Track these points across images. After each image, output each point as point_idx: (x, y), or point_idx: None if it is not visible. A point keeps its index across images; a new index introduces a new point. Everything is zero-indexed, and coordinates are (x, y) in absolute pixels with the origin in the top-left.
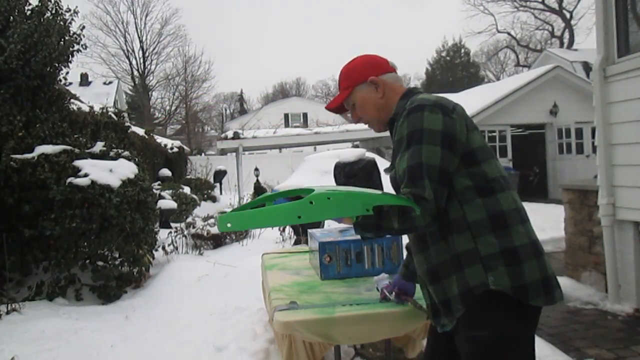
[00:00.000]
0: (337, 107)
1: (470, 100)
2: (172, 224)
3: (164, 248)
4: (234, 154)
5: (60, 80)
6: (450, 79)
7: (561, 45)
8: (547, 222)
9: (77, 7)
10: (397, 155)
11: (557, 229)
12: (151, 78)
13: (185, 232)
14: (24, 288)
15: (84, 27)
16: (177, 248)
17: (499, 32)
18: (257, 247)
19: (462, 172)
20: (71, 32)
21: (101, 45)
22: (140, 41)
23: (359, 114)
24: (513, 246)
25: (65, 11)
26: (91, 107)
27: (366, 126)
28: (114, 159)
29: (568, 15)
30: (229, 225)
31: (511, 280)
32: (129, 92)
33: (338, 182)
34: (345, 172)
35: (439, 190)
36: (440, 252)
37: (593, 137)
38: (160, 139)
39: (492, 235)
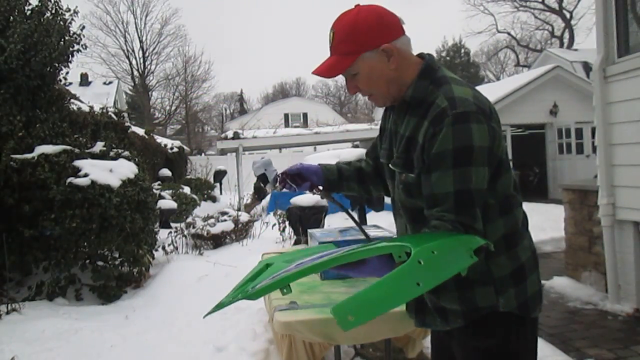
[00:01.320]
0: (334, 75)
1: None
2: (172, 224)
3: (164, 248)
4: (234, 154)
5: (60, 80)
6: None
7: (561, 45)
8: (547, 222)
9: (77, 7)
10: (432, 168)
11: (557, 229)
12: (151, 78)
13: (185, 232)
14: (24, 288)
15: (83, 27)
16: (177, 248)
17: (499, 32)
18: (257, 247)
19: (489, 188)
20: (71, 32)
21: (101, 45)
22: (140, 41)
23: (363, 86)
24: (521, 264)
25: (65, 11)
26: (91, 107)
27: (366, 126)
28: (114, 159)
29: (568, 15)
30: (351, 318)
31: (517, 300)
32: (129, 92)
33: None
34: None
35: (481, 220)
36: None
37: (593, 137)
38: (160, 139)
39: (505, 256)
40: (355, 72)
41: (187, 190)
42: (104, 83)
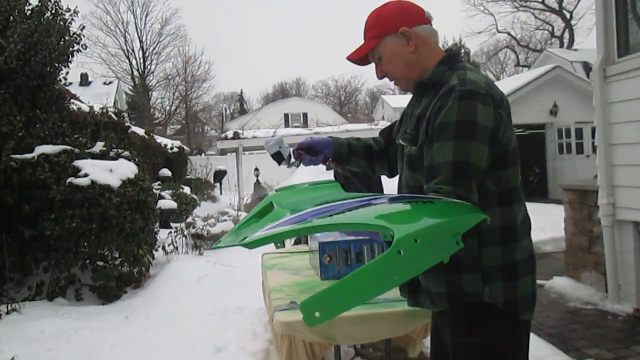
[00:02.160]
0: (360, 58)
1: None
2: (172, 224)
3: (164, 248)
4: (234, 154)
5: (60, 80)
6: None
7: (561, 45)
8: (547, 222)
9: (77, 7)
10: (434, 139)
11: (557, 229)
12: (151, 78)
13: (185, 232)
14: (24, 288)
15: (83, 27)
16: (177, 248)
17: (499, 32)
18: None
19: (489, 174)
20: (71, 32)
21: (101, 45)
22: (140, 41)
23: (385, 68)
24: (514, 261)
25: (65, 11)
26: (91, 107)
27: (366, 126)
28: (114, 159)
29: (568, 15)
30: (317, 314)
31: (505, 295)
32: (129, 92)
33: (337, 181)
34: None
35: (477, 193)
36: None
37: (593, 137)
38: (160, 139)
39: (499, 248)
40: (379, 56)
41: (187, 190)
42: (104, 83)
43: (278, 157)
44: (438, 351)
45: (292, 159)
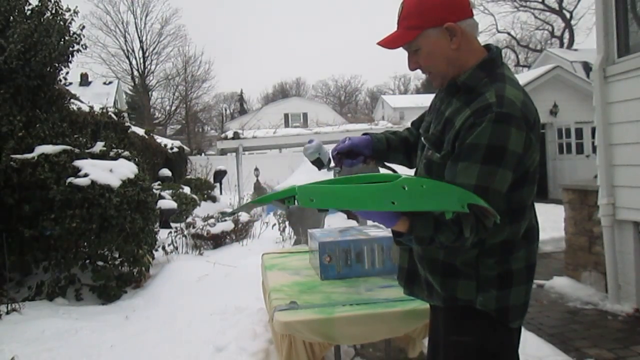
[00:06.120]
0: (395, 47)
1: None
2: (172, 224)
3: (164, 248)
4: (234, 154)
5: (60, 80)
6: None
7: (561, 45)
8: (547, 222)
9: (77, 7)
10: (461, 157)
11: (557, 229)
12: (151, 78)
13: (185, 232)
14: (24, 288)
15: (83, 27)
16: (177, 248)
17: (499, 32)
18: (257, 247)
19: (506, 194)
20: (71, 32)
21: (101, 45)
22: (140, 41)
23: (422, 62)
24: (510, 270)
25: (65, 11)
26: (91, 107)
27: (366, 126)
28: (114, 159)
29: (568, 15)
30: (312, 199)
31: (497, 303)
32: (129, 92)
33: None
34: (345, 172)
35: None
36: (436, 250)
37: (593, 137)
38: (160, 139)
39: (495, 260)
40: (417, 48)
41: (187, 190)
42: (104, 83)
43: (318, 163)
44: (434, 351)
45: (332, 164)
